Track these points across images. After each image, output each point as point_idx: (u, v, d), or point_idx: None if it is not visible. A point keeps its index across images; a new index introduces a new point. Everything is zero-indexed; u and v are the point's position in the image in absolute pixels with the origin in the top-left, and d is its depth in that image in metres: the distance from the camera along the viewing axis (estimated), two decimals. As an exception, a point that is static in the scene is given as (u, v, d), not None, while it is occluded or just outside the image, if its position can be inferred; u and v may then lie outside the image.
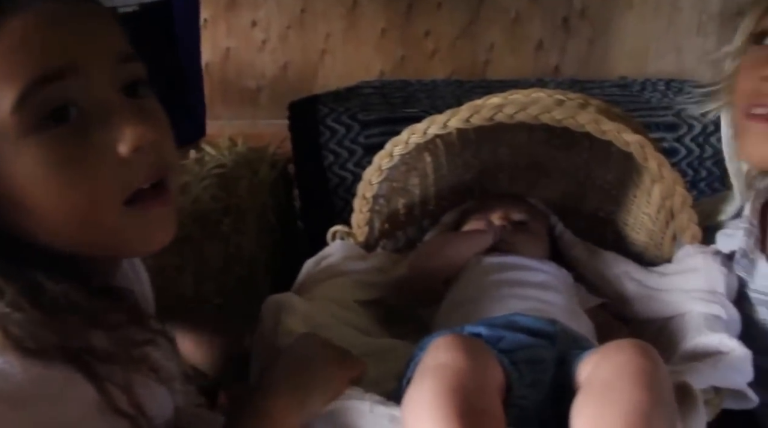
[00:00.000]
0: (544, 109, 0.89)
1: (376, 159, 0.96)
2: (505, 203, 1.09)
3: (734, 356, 0.72)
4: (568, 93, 0.99)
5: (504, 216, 1.05)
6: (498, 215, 1.06)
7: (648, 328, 0.93)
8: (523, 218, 1.06)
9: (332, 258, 0.95)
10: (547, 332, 0.76)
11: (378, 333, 0.92)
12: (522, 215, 1.07)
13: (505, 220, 1.04)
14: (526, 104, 0.89)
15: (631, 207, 1.10)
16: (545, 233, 1.08)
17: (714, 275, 0.88)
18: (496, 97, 0.99)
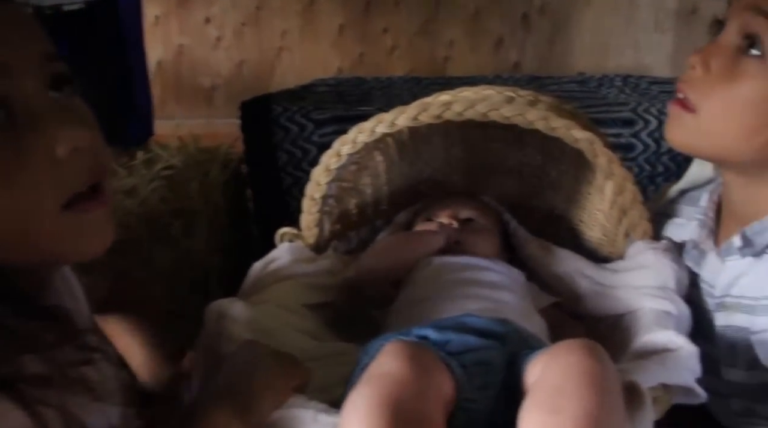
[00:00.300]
0: (493, 106, 0.87)
1: (323, 159, 0.94)
2: (458, 202, 1.08)
3: (682, 353, 0.71)
4: (518, 90, 0.97)
5: (456, 215, 1.04)
6: (450, 214, 1.04)
7: (601, 325, 0.92)
8: (476, 217, 1.05)
9: (280, 261, 0.93)
10: (498, 332, 0.74)
11: (328, 337, 0.90)
12: (474, 214, 1.05)
13: (458, 219, 1.03)
14: (474, 102, 0.87)
15: (585, 204, 1.09)
16: (498, 232, 1.07)
17: (664, 270, 0.87)
18: (446, 95, 0.98)
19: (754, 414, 0.86)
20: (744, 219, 0.84)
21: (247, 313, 0.78)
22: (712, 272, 0.87)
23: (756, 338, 0.82)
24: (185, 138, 1.43)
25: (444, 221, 1.02)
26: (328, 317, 0.94)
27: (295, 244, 0.97)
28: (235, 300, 0.80)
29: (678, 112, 0.83)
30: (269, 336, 0.79)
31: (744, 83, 0.77)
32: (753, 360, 0.83)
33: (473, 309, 0.80)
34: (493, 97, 0.94)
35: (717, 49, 0.80)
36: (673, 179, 1.58)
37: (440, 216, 1.04)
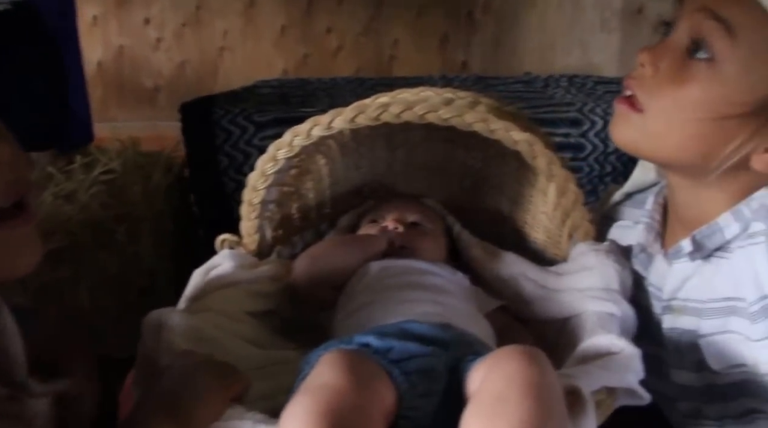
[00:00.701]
0: (431, 108, 0.86)
1: (259, 163, 0.92)
2: (401, 205, 1.07)
3: (624, 355, 0.71)
4: (458, 92, 0.96)
5: (400, 219, 1.03)
6: (396, 217, 1.03)
7: (548, 329, 0.92)
8: (420, 220, 1.04)
9: (221, 268, 0.90)
10: (441, 338, 0.73)
11: (274, 345, 0.88)
12: (418, 217, 1.04)
13: (401, 223, 1.02)
14: (412, 104, 0.86)
15: (528, 206, 1.09)
16: (442, 235, 1.06)
17: (607, 272, 0.87)
18: (384, 97, 0.96)
19: (701, 415, 0.87)
20: (690, 222, 0.84)
21: (187, 322, 0.76)
22: (660, 275, 0.88)
23: (703, 340, 0.82)
24: (125, 142, 1.39)
25: (390, 224, 1.01)
26: (275, 324, 0.92)
27: (236, 251, 0.94)
28: (173, 310, 0.78)
29: (625, 111, 0.82)
30: (210, 345, 0.77)
31: (692, 86, 0.77)
32: (700, 362, 0.83)
33: (417, 314, 0.79)
34: (431, 99, 0.92)
35: (666, 50, 0.79)
36: (620, 179, 1.61)
37: (386, 219, 1.03)
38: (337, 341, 0.73)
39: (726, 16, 0.74)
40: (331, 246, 0.95)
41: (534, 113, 1.56)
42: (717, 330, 0.80)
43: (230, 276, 0.88)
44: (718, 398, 0.83)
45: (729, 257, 0.80)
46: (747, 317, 0.77)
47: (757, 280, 0.76)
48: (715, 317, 0.80)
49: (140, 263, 1.28)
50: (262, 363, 0.80)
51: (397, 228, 1.00)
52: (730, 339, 0.79)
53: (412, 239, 0.99)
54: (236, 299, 0.86)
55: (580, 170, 1.57)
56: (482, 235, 1.10)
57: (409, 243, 0.98)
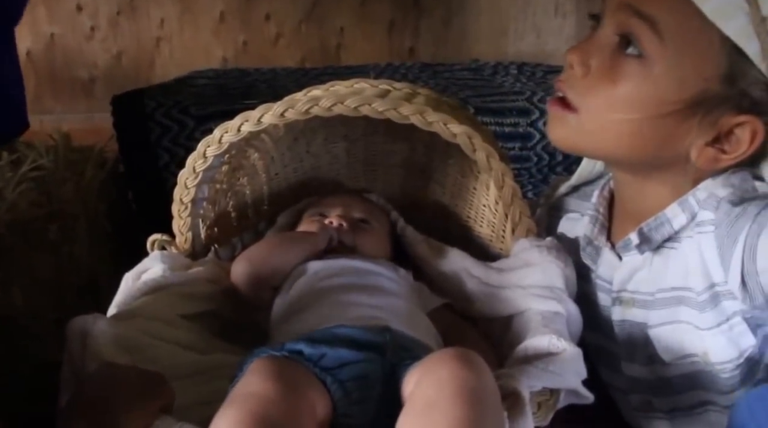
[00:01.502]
0: (365, 100, 0.83)
1: (189, 161, 0.88)
2: (343, 201, 1.03)
3: (565, 356, 0.69)
4: (395, 83, 0.93)
5: (341, 215, 0.99)
6: (335, 213, 0.99)
7: (493, 327, 0.89)
8: (362, 216, 1.01)
9: (152, 271, 0.86)
10: (376, 343, 0.70)
11: (210, 348, 0.84)
12: (360, 213, 1.01)
13: (342, 219, 0.98)
14: (344, 97, 0.83)
15: (472, 199, 1.07)
16: (386, 232, 1.03)
17: (550, 269, 0.85)
18: (316, 90, 0.93)
19: (651, 408, 0.86)
20: (637, 215, 0.82)
21: (113, 329, 0.72)
22: (609, 267, 0.86)
23: (653, 332, 0.82)
24: (55, 137, 1.33)
25: (334, 220, 0.98)
26: (212, 327, 0.88)
27: (167, 252, 0.90)
28: (98, 316, 0.73)
29: (559, 112, 0.81)
30: (138, 352, 0.73)
31: (624, 83, 0.75)
32: (651, 354, 0.82)
33: (352, 317, 0.76)
34: (365, 91, 0.89)
35: (595, 47, 0.77)
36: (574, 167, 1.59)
37: (329, 215, 0.99)
38: (268, 347, 0.69)
39: (650, 13, 0.72)
40: (268, 247, 0.91)
41: (482, 102, 1.54)
42: (666, 321, 0.80)
43: (161, 279, 0.84)
44: (668, 390, 0.82)
45: (677, 247, 0.79)
46: (696, 307, 0.76)
47: (705, 269, 0.75)
48: (664, 308, 0.79)
49: (77, 263, 1.22)
50: (197, 369, 0.76)
51: (341, 225, 0.97)
52: (680, 329, 0.79)
53: (356, 235, 0.96)
54: (168, 303, 0.82)
55: (529, 160, 1.55)
56: (428, 230, 1.08)
57: (353, 240, 0.95)
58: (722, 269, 0.72)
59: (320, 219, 0.99)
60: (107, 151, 1.36)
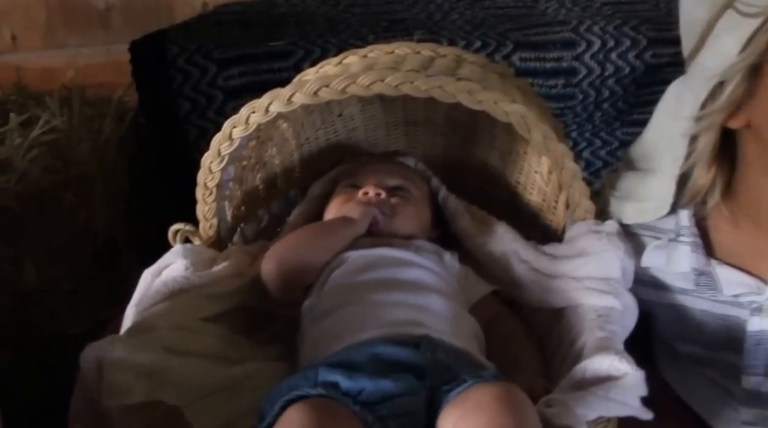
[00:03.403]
0: (406, 78, 0.73)
1: (214, 143, 0.80)
2: (378, 169, 0.95)
3: (627, 381, 0.62)
4: (439, 48, 0.83)
5: (383, 183, 0.92)
6: (376, 182, 0.91)
7: (540, 317, 0.83)
8: (398, 183, 0.93)
9: (173, 268, 0.79)
10: (416, 364, 0.64)
11: (236, 351, 0.79)
12: (397, 181, 0.93)
13: (382, 187, 0.90)
14: (385, 73, 0.73)
15: (522, 164, 0.98)
16: (426, 200, 0.95)
17: (608, 259, 0.78)
18: (353, 55, 0.83)
19: None
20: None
21: (130, 355, 0.66)
22: (738, 285, 0.77)
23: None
24: (70, 85, 1.24)
25: (370, 190, 0.90)
26: (238, 323, 0.82)
27: (190, 246, 0.83)
28: (115, 341, 0.67)
29: None
30: (158, 374, 0.67)
31: None
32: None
33: (389, 321, 0.70)
34: (407, 62, 0.79)
35: None
36: (620, 103, 1.47)
37: (365, 184, 0.91)
38: (301, 377, 0.63)
39: None
40: (302, 241, 0.83)
41: (523, 36, 1.41)
42: None
43: (183, 282, 0.77)
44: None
45: None
46: None
47: None
48: None
49: (93, 228, 1.16)
50: (224, 385, 0.71)
51: (378, 194, 0.89)
52: None
53: (395, 207, 0.89)
54: (190, 308, 0.76)
55: (573, 98, 1.43)
56: (471, 196, 1.00)
57: (391, 210, 0.88)
58: None
59: (354, 192, 0.91)
60: (126, 100, 1.27)
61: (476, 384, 0.60)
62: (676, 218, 0.80)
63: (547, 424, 0.59)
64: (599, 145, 1.49)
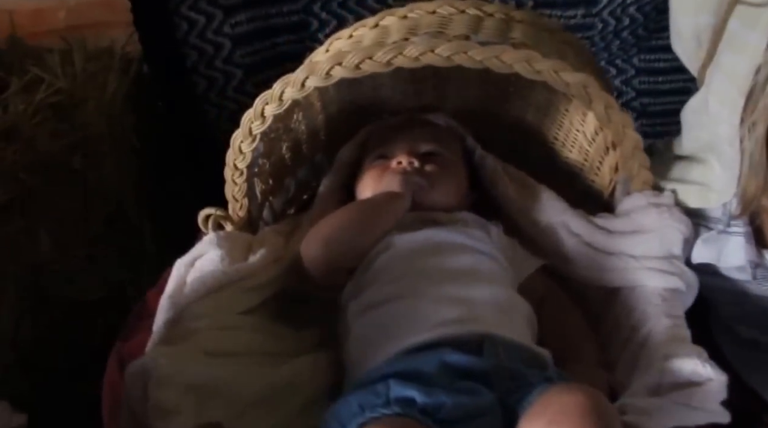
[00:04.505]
0: (459, 48, 0.67)
1: (245, 121, 0.73)
2: (413, 132, 0.89)
3: (710, 387, 0.59)
4: (483, 4, 0.76)
5: (414, 150, 0.86)
6: (407, 150, 0.85)
7: (591, 295, 0.80)
8: (437, 148, 0.87)
9: (207, 258, 0.74)
10: (483, 371, 0.61)
11: (277, 338, 0.75)
12: (435, 145, 0.87)
13: (414, 155, 0.85)
14: (434, 44, 0.66)
15: (562, 121, 0.92)
16: (460, 162, 0.89)
17: (670, 234, 0.74)
18: (393, 17, 0.75)
19: None
20: None
21: (175, 371, 0.62)
22: None
23: None
24: (69, 39, 1.15)
25: (403, 159, 0.84)
26: (275, 310, 0.78)
27: (223, 234, 0.77)
28: (158, 354, 0.63)
29: None
30: (203, 387, 0.63)
31: None
32: None
33: (444, 320, 0.66)
34: (455, 25, 0.72)
35: None
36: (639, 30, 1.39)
37: (396, 154, 0.86)
38: (371, 392, 0.59)
39: None
40: (349, 221, 0.78)
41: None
42: None
43: (220, 277, 0.72)
44: None
45: None
46: None
47: None
48: None
49: (104, 190, 1.10)
50: (267, 390, 0.67)
51: (411, 163, 0.84)
52: None
53: (429, 176, 0.84)
54: (229, 304, 0.72)
55: (593, 28, 1.34)
56: (504, 150, 0.94)
57: (429, 180, 0.83)
58: None
59: (387, 163, 0.85)
60: (128, 50, 1.19)
61: (551, 388, 0.57)
62: (723, 207, 0.74)
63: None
64: (614, 73, 1.42)
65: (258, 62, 1.19)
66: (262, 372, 0.68)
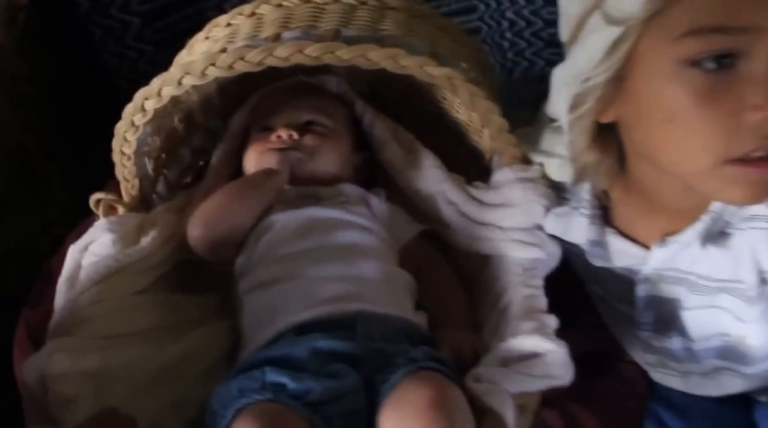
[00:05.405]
0: (328, 49, 0.70)
1: (126, 115, 0.75)
2: (295, 101, 0.91)
3: (549, 358, 0.67)
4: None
5: (294, 121, 0.89)
6: (286, 122, 0.89)
7: (467, 261, 0.86)
8: (316, 118, 0.90)
9: (100, 243, 0.78)
10: (352, 354, 0.68)
11: (174, 309, 0.81)
12: (315, 114, 0.90)
13: (293, 127, 0.88)
14: (303, 46, 0.69)
15: (448, 85, 0.95)
16: (345, 132, 0.93)
17: (532, 209, 0.80)
18: (268, 5, 0.77)
19: (667, 367, 0.85)
20: (683, 213, 0.73)
21: (71, 363, 0.67)
22: (623, 253, 0.78)
23: (686, 313, 0.79)
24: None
25: (282, 132, 0.88)
26: (171, 282, 0.83)
27: (114, 219, 0.81)
28: (54, 350, 0.67)
29: None
30: (101, 373, 0.69)
31: None
32: (678, 329, 0.80)
33: (324, 299, 0.73)
34: (328, 16, 0.74)
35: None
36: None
37: (277, 126, 0.89)
38: (249, 377, 0.65)
39: None
40: (225, 201, 0.82)
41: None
42: (704, 305, 0.76)
43: (112, 264, 0.76)
44: (689, 359, 0.81)
45: (728, 239, 0.72)
46: (743, 299, 0.73)
47: (757, 262, 0.70)
48: (705, 294, 0.75)
49: (4, 144, 1.10)
50: (164, 368, 0.73)
51: (291, 136, 0.87)
52: (717, 314, 0.76)
53: (310, 146, 0.88)
54: (121, 288, 0.76)
55: (480, 31, 1.36)
56: (398, 107, 0.98)
57: (307, 152, 0.87)
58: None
59: (268, 136, 0.88)
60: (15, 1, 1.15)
61: (409, 377, 0.64)
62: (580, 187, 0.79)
63: (476, 401, 0.64)
64: (523, 3, 1.44)
65: (156, 9, 1.18)
66: (160, 349, 0.74)
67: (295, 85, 0.95)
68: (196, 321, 0.80)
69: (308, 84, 0.96)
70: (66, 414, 0.65)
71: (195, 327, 0.79)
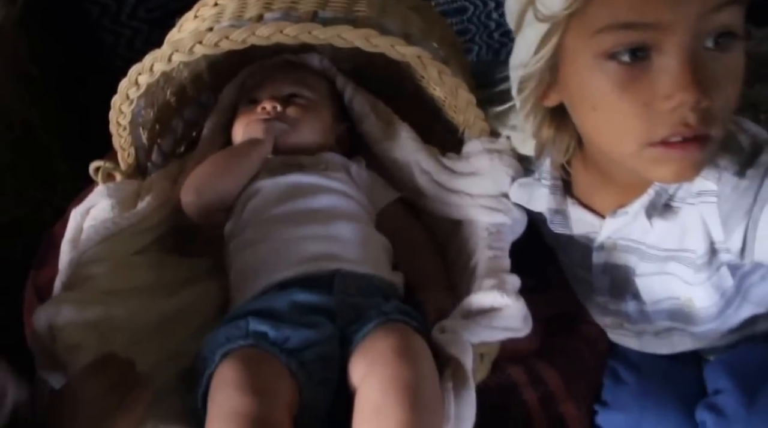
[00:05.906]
0: (305, 29, 0.76)
1: (121, 89, 0.81)
2: (279, 75, 0.98)
3: (507, 312, 0.73)
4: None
5: (277, 94, 0.95)
6: (270, 94, 0.95)
7: (439, 226, 0.93)
8: (298, 91, 0.96)
9: (99, 207, 0.85)
10: (327, 307, 0.74)
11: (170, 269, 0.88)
12: (298, 87, 0.97)
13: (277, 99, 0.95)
14: (282, 26, 0.75)
15: (424, 61, 1.01)
16: (327, 103, 0.99)
17: (499, 177, 0.86)
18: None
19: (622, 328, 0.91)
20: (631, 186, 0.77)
21: (76, 313, 0.73)
22: (586, 225, 0.83)
23: (638, 280, 0.83)
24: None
25: (267, 104, 0.94)
26: (167, 244, 0.90)
27: (113, 185, 0.88)
28: (61, 302, 0.74)
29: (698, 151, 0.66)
30: (105, 323, 0.76)
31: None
32: (631, 293, 0.85)
33: (303, 257, 0.79)
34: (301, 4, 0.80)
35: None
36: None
37: (262, 98, 0.95)
38: (234, 326, 0.72)
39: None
40: (215, 169, 0.88)
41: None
42: (654, 272, 0.81)
43: (111, 227, 0.83)
44: (642, 320, 0.88)
45: (677, 212, 0.76)
46: (691, 267, 0.78)
47: (706, 233, 0.74)
48: (655, 262, 0.81)
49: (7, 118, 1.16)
50: (164, 317, 0.80)
51: (275, 107, 0.94)
52: (667, 280, 0.81)
53: (291, 118, 0.94)
54: (121, 248, 0.83)
55: (468, 32, 1.41)
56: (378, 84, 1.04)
57: (290, 122, 0.93)
58: (724, 237, 0.72)
59: (254, 108, 0.95)
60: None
61: (379, 328, 0.70)
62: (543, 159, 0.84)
63: (440, 350, 0.71)
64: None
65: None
66: (157, 303, 0.81)
67: (281, 63, 1.01)
68: (190, 281, 0.87)
69: (293, 61, 1.02)
70: (72, 359, 0.71)
71: (189, 286, 0.86)
